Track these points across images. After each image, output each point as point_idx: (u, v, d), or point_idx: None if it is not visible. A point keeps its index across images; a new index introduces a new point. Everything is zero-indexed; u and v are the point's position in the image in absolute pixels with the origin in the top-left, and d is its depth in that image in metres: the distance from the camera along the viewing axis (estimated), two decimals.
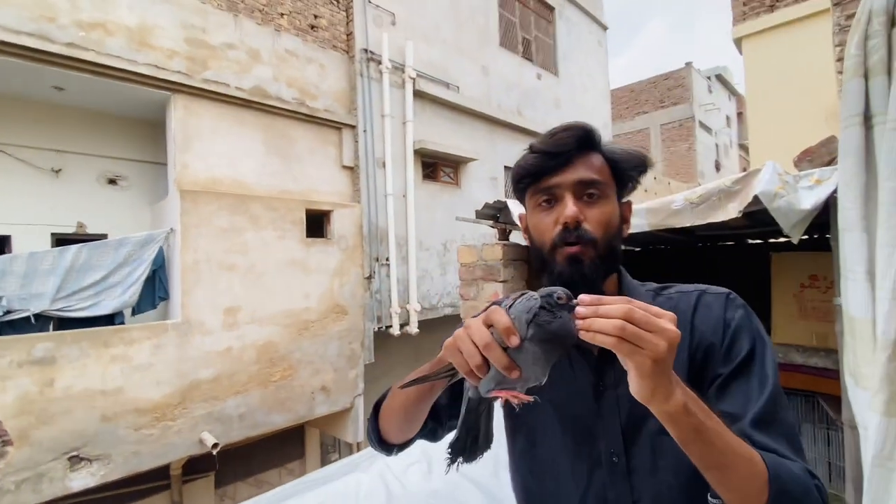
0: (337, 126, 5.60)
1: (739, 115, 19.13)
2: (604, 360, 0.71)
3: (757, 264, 2.45)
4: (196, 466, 4.89)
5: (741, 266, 2.82)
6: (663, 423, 0.53)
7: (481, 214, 2.55)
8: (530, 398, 0.56)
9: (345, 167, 5.68)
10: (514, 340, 0.52)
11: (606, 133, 10.31)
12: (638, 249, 3.68)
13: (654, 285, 0.77)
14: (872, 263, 1.17)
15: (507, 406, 0.79)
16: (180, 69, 4.44)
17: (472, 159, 6.84)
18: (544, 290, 0.55)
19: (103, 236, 4.73)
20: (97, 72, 4.03)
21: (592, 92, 9.89)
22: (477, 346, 0.54)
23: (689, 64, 16.24)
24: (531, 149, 0.71)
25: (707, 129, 16.98)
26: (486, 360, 0.54)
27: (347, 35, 5.76)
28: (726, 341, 0.67)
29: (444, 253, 6.58)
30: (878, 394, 1.11)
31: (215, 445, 4.19)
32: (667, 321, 0.49)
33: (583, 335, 0.50)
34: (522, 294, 0.56)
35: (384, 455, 0.81)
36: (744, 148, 19.18)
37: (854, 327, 1.21)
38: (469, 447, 0.67)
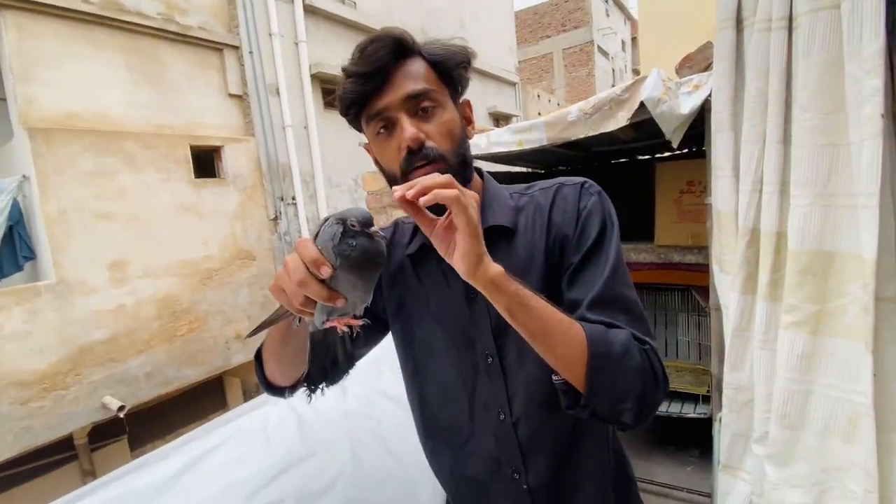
0: (217, 47, 4.91)
1: (634, 39, 19.89)
2: None
3: (645, 177, 2.64)
4: (105, 432, 4.57)
5: (633, 180, 3.03)
6: (488, 296, 0.55)
7: None
8: (361, 322, 0.58)
9: (232, 95, 5.06)
10: (326, 271, 0.51)
11: (512, 58, 10.21)
12: (542, 171, 3.81)
13: (520, 186, 0.78)
14: (738, 160, 1.29)
15: (398, 327, 0.80)
16: None
17: None
18: (339, 215, 0.53)
19: None
20: None
21: (497, 12, 9.61)
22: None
23: None
24: (345, 72, 0.66)
25: (605, 53, 17.51)
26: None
27: None
28: (578, 230, 0.68)
29: (355, 189, 6.33)
30: (737, 276, 1.27)
31: (121, 408, 3.92)
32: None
33: (421, 201, 0.49)
34: (326, 220, 0.54)
35: (281, 398, 0.79)
36: (637, 73, 20.16)
37: (720, 220, 1.35)
38: (329, 373, 0.67)
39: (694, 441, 2.48)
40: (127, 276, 4.13)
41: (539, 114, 11.35)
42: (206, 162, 4.83)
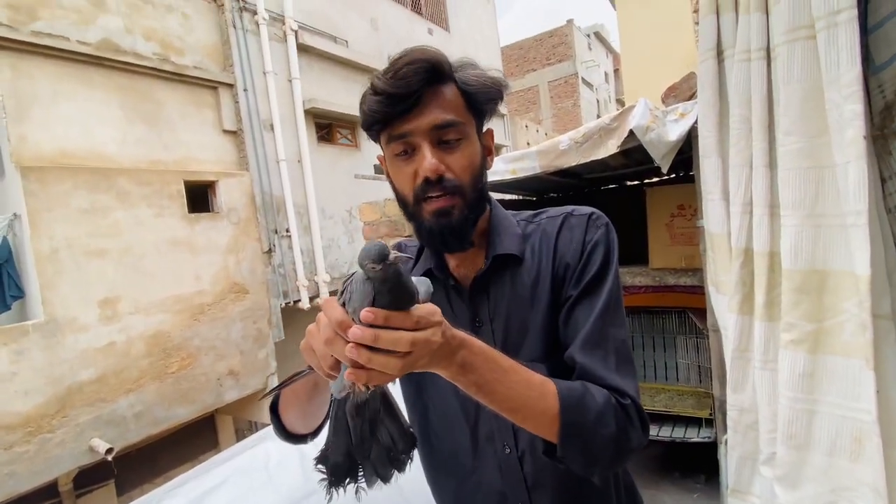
0: (212, 85, 5.01)
1: (616, 71, 20.57)
2: (476, 292, 0.71)
3: (636, 202, 2.68)
4: (91, 476, 4.40)
5: (623, 205, 3.08)
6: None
7: (380, 169, 2.46)
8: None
9: (226, 131, 5.13)
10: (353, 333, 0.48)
11: None
12: (534, 199, 3.87)
13: (528, 213, 0.78)
14: (726, 184, 1.32)
15: None
16: (1, 20, 3.63)
17: None
18: (361, 274, 0.48)
19: None
20: None
21: (484, 49, 9.95)
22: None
23: (570, 21, 16.95)
24: (374, 89, 0.63)
25: (589, 85, 18.07)
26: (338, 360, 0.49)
27: None
28: (581, 262, 0.68)
29: (349, 220, 6.37)
30: (733, 296, 1.28)
31: (109, 451, 3.77)
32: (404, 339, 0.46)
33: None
34: (351, 277, 0.50)
35: (300, 444, 0.75)
36: (620, 103, 20.75)
37: (714, 242, 1.37)
38: (392, 457, 0.61)
39: (699, 466, 2.43)
40: (118, 313, 4.07)
41: (528, 143, 11.60)
42: (200, 196, 4.84)
